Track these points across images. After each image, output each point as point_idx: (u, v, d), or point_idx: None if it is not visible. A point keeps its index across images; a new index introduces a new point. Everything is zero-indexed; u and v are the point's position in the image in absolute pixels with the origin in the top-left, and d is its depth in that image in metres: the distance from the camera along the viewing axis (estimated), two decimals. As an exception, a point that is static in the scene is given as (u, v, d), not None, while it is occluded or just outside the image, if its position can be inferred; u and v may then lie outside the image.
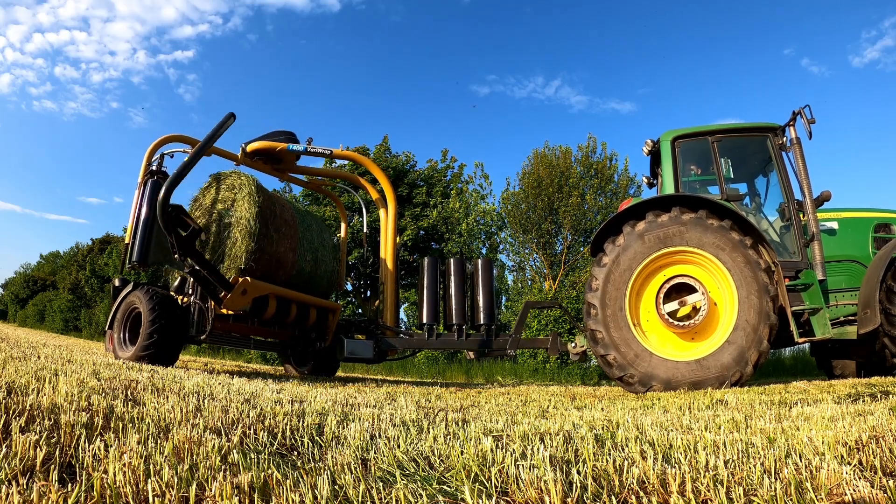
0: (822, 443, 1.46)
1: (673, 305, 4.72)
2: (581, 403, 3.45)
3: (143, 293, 5.11)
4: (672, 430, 1.86)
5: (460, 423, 2.03)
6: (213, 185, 6.04)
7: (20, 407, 1.57)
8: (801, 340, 4.69)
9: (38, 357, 3.97)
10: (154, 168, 6.11)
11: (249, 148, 6.82)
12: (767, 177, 5.74)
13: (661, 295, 4.76)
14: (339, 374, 10.34)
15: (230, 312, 5.25)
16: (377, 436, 1.65)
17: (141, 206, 5.68)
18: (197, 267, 5.01)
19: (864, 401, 2.88)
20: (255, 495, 1.01)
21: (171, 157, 6.21)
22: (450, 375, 11.88)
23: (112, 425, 1.51)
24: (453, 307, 6.30)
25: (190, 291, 5.50)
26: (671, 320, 4.68)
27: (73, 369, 3.07)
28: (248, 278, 5.02)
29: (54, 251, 47.68)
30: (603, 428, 1.93)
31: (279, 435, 1.59)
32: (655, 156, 5.98)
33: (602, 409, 3.00)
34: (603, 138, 18.72)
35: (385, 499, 1.05)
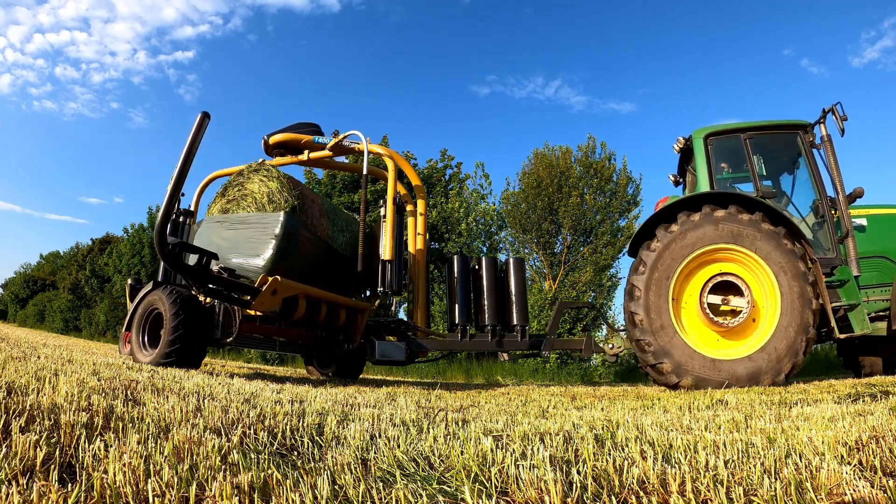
0: (822, 443, 1.46)
1: (716, 302, 4.74)
2: (581, 403, 3.45)
3: (164, 293, 4.82)
4: (672, 430, 1.86)
5: (460, 423, 2.03)
6: (254, 177, 5.82)
7: (20, 407, 1.57)
8: (841, 336, 4.74)
9: (38, 357, 3.97)
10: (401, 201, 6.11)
11: (272, 140, 6.58)
12: (793, 174, 5.79)
13: (707, 291, 4.76)
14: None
15: (257, 314, 5.02)
16: (377, 436, 1.65)
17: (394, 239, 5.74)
18: (216, 287, 4.82)
19: (864, 401, 2.88)
20: (255, 495, 1.01)
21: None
22: (450, 375, 11.88)
23: (112, 425, 1.51)
24: (486, 308, 6.10)
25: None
26: (714, 317, 4.69)
27: (73, 369, 3.07)
28: (277, 277, 4.77)
29: (54, 251, 47.73)
30: (603, 428, 1.93)
31: (279, 435, 1.59)
32: (685, 153, 6.01)
33: (602, 409, 3.00)
34: (603, 138, 18.73)
35: (385, 499, 1.05)
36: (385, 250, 5.60)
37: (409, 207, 7.08)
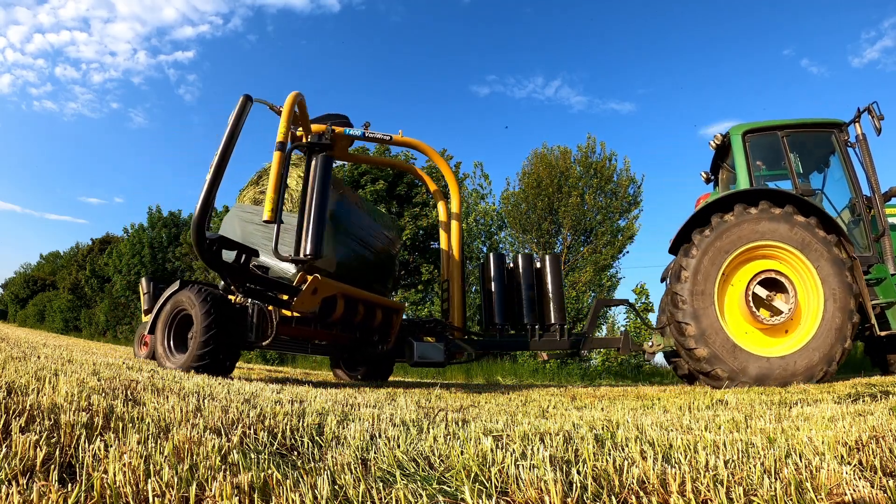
0: (822, 443, 1.46)
1: (762, 294, 4.79)
2: (581, 403, 3.45)
3: (194, 293, 4.37)
4: (672, 430, 1.86)
5: (460, 423, 2.03)
6: (293, 171, 5.46)
7: (20, 407, 1.57)
8: (882, 334, 4.81)
9: (38, 357, 3.97)
10: (324, 139, 5.15)
11: (299, 132, 6.29)
12: (824, 172, 5.86)
13: (756, 281, 4.81)
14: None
15: (294, 315, 4.72)
16: (377, 436, 1.65)
17: (309, 190, 4.86)
18: (257, 287, 4.49)
19: (864, 401, 2.88)
20: (255, 495, 1.01)
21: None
22: (450, 375, 11.88)
23: (112, 425, 1.51)
24: (524, 306, 5.94)
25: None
26: (754, 308, 4.74)
27: (73, 369, 3.07)
28: (317, 276, 4.50)
29: (54, 251, 47.73)
30: (603, 428, 1.93)
31: (279, 435, 1.59)
32: (720, 150, 6.04)
33: (602, 409, 3.00)
34: (603, 139, 18.74)
35: (385, 499, 1.05)
36: (266, 207, 4.78)
37: (440, 209, 6.91)
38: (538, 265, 6.25)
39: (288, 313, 4.68)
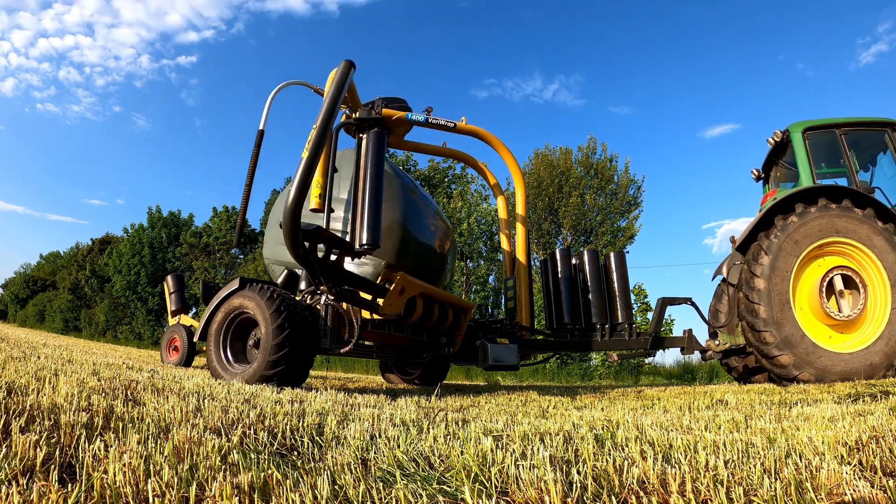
0: (822, 443, 1.46)
1: (836, 286, 4.81)
2: (581, 403, 3.45)
3: (260, 295, 3.80)
4: (672, 430, 1.86)
5: (460, 423, 2.03)
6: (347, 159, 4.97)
7: (20, 407, 1.57)
8: None
9: (38, 357, 3.97)
10: (374, 112, 4.66)
11: (356, 116, 5.89)
12: (870, 171, 5.89)
13: (824, 285, 4.83)
14: (337, 373, 10.34)
15: (373, 317, 4.30)
16: (377, 436, 1.65)
17: (361, 172, 4.29)
18: (349, 287, 4.01)
19: (864, 401, 2.88)
20: (255, 495, 1.01)
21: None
22: (450, 375, 11.87)
23: (112, 425, 1.51)
24: (592, 305, 5.75)
25: (311, 290, 4.22)
26: (824, 297, 4.74)
27: (73, 369, 3.07)
28: (402, 273, 4.13)
29: (54, 251, 47.75)
30: (603, 428, 1.93)
31: (279, 435, 1.59)
32: (777, 147, 6.03)
33: (602, 409, 3.00)
34: (602, 141, 18.77)
35: (385, 499, 1.05)
36: (313, 193, 4.42)
37: (500, 204, 6.75)
38: (603, 262, 6.05)
39: (368, 315, 4.22)
